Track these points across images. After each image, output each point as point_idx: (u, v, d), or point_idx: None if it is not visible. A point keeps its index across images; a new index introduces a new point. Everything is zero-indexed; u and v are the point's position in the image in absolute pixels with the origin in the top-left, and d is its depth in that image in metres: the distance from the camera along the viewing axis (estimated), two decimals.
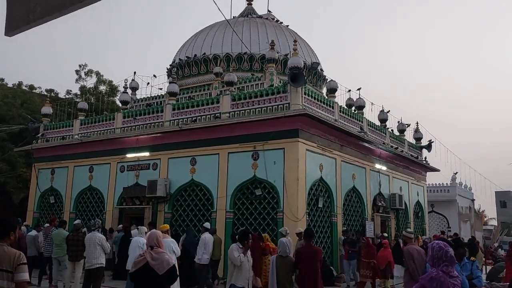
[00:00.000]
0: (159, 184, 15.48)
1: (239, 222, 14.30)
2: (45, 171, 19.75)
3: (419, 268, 7.25)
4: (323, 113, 15.21)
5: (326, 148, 15.14)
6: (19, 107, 25.37)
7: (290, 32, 22.50)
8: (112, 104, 29.24)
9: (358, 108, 18.91)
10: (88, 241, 9.70)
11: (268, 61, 17.46)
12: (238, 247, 6.93)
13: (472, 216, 39.33)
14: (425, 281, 3.75)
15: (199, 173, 15.28)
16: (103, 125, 18.52)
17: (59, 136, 19.84)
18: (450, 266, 3.76)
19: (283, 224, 13.30)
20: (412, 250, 7.56)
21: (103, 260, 9.69)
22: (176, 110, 16.37)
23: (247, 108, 14.83)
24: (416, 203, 22.65)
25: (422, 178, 24.00)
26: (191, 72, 21.06)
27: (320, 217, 14.76)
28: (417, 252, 7.54)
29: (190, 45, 21.80)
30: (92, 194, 18.21)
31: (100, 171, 17.88)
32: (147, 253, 4.93)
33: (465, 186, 37.41)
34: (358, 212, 17.18)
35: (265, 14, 24.31)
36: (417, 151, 23.41)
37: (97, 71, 31.16)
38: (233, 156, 14.70)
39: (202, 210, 15.12)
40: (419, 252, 7.61)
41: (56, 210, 19.14)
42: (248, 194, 14.43)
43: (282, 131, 13.78)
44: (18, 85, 29.92)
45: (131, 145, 17.01)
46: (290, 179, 13.48)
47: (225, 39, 20.56)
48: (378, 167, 18.63)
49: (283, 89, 14.33)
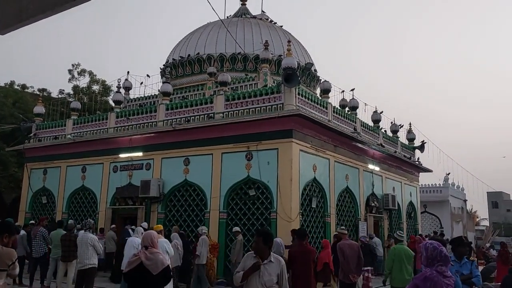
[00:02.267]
0: (153, 184, 15.42)
1: (233, 222, 14.28)
2: (37, 171, 19.61)
3: (350, 261, 8.27)
4: (317, 113, 15.23)
5: (320, 149, 15.16)
6: (11, 106, 25.17)
7: (284, 32, 22.52)
8: (105, 103, 29.10)
9: (352, 109, 18.96)
10: (80, 241, 9.65)
11: (262, 61, 17.46)
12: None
13: (464, 216, 39.57)
14: (419, 281, 3.76)
15: (193, 173, 15.24)
16: (96, 124, 18.42)
17: (52, 136, 19.71)
18: (444, 266, 3.77)
19: (277, 224, 13.30)
20: (343, 246, 8.52)
21: (95, 261, 9.64)
22: (170, 110, 16.32)
23: (241, 108, 14.81)
24: (409, 204, 22.75)
25: (415, 178, 24.11)
26: (184, 72, 21.01)
27: (313, 217, 14.78)
28: (348, 247, 8.45)
29: (184, 45, 21.75)
30: (85, 194, 18.10)
31: (93, 171, 17.78)
32: (142, 253, 4.91)
33: (458, 186, 37.65)
34: (351, 212, 17.22)
35: (259, 15, 24.31)
36: (410, 151, 23.51)
37: (90, 71, 31.05)
38: (227, 157, 14.68)
39: (196, 211, 15.09)
40: (351, 246, 8.51)
41: (49, 210, 19.01)
42: (241, 194, 14.42)
43: (275, 132, 13.79)
44: (10, 84, 29.69)
45: (124, 145, 16.94)
46: (284, 180, 13.48)
47: (219, 39, 20.53)
48: (371, 168, 18.69)
49: (277, 90, 14.34)
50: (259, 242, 4.74)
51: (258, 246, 4.72)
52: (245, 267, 4.68)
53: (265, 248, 4.74)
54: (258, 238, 4.77)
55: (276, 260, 4.74)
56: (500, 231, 41.77)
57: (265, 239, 4.77)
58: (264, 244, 4.75)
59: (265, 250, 4.74)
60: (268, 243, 4.78)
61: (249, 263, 4.68)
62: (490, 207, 66.52)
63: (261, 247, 4.72)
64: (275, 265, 4.70)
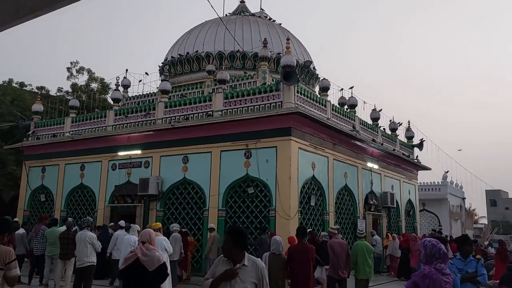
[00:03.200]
0: (151, 182, 15.41)
1: (231, 220, 14.29)
2: (36, 169, 19.58)
3: (339, 258, 8.64)
4: (316, 111, 15.22)
5: (319, 147, 15.16)
6: (9, 104, 25.11)
7: (283, 30, 22.49)
8: (104, 101, 29.03)
9: (351, 107, 18.97)
10: (78, 239, 9.63)
11: (261, 59, 17.44)
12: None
13: (463, 214, 39.65)
14: (417, 278, 3.76)
15: (191, 171, 15.24)
16: (95, 122, 18.40)
17: (50, 134, 19.67)
18: (443, 263, 3.77)
19: (275, 222, 13.31)
20: (334, 243, 8.83)
21: (94, 259, 9.62)
22: (168, 108, 16.30)
23: (239, 106, 14.80)
24: (408, 202, 22.76)
25: (414, 176, 24.12)
26: (183, 70, 20.98)
27: (312, 215, 14.78)
28: (338, 245, 8.79)
29: (183, 43, 21.72)
30: (84, 192, 18.09)
31: (92, 169, 17.76)
32: (138, 249, 4.88)
33: (456, 184, 37.70)
34: (350, 210, 17.24)
35: (257, 12, 24.29)
36: (408, 149, 23.52)
37: (89, 69, 30.96)
38: (226, 154, 14.67)
39: (194, 209, 15.09)
40: (341, 244, 8.86)
41: (47, 208, 18.99)
42: (240, 192, 14.42)
43: (274, 130, 13.78)
44: (9, 82, 29.61)
45: (123, 143, 16.92)
46: (283, 178, 13.48)
47: (217, 37, 20.50)
48: (370, 166, 18.70)
49: (276, 88, 14.32)
50: (228, 242, 3.95)
51: (227, 247, 3.94)
52: (215, 273, 3.94)
53: (235, 250, 3.90)
54: (226, 237, 4.02)
55: (252, 264, 3.90)
56: (498, 229, 41.83)
57: (235, 239, 3.93)
58: (234, 244, 3.90)
59: (236, 252, 3.90)
60: (239, 243, 3.92)
61: (220, 269, 3.92)
62: (489, 205, 66.61)
63: (230, 249, 3.92)
64: (249, 270, 3.86)
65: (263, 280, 3.87)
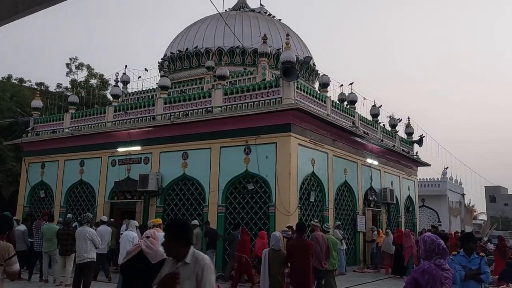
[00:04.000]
0: (151, 178, 15.41)
1: (231, 216, 14.30)
2: (35, 165, 19.58)
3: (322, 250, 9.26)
4: (315, 107, 15.21)
5: (318, 143, 15.16)
6: (8, 100, 25.05)
7: (283, 26, 22.43)
8: (103, 97, 28.97)
9: (350, 103, 18.94)
10: (78, 235, 9.64)
11: (261, 55, 17.41)
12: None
13: (462, 210, 39.70)
14: (417, 274, 3.76)
15: (191, 168, 15.23)
16: (94, 118, 18.38)
17: (49, 130, 19.66)
18: (443, 259, 3.77)
19: (275, 218, 13.32)
20: (318, 236, 9.46)
21: (93, 255, 9.64)
22: (168, 104, 16.29)
23: (239, 102, 14.79)
24: (407, 198, 22.79)
25: (413, 172, 24.14)
26: (182, 66, 20.94)
27: (312, 211, 14.80)
28: (321, 238, 9.48)
29: (182, 39, 21.66)
30: (83, 188, 18.09)
31: (91, 165, 17.76)
32: (142, 242, 4.85)
33: (456, 181, 37.73)
34: (349, 206, 17.26)
35: (257, 8, 24.21)
36: (408, 146, 23.53)
37: (88, 65, 30.85)
38: (225, 151, 14.67)
39: (194, 205, 15.10)
40: (323, 237, 9.57)
41: (47, 204, 19.00)
42: (240, 188, 14.43)
43: (274, 126, 13.77)
44: (8, 78, 29.52)
45: (123, 139, 16.90)
46: (282, 174, 13.49)
47: (217, 32, 20.45)
48: (369, 162, 18.70)
49: (276, 84, 14.31)
50: (168, 237, 3.38)
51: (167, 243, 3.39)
52: (161, 276, 3.42)
53: (177, 246, 3.34)
54: (165, 232, 3.46)
55: (194, 261, 3.32)
56: (497, 225, 41.89)
57: (175, 233, 3.37)
58: (174, 240, 3.35)
59: (178, 248, 3.34)
60: (181, 238, 3.35)
61: (165, 271, 3.42)
62: (488, 201, 66.64)
63: (171, 245, 3.37)
64: (191, 268, 3.29)
65: (202, 278, 3.25)
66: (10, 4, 2.75)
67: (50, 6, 2.71)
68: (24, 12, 2.73)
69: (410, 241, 14.66)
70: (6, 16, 2.82)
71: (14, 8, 2.74)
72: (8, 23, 2.94)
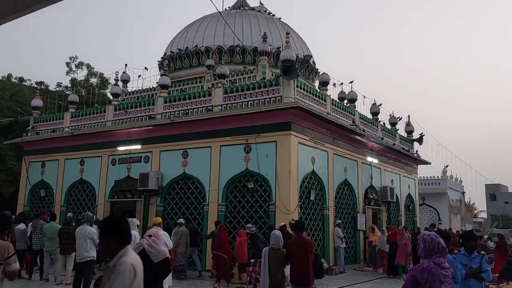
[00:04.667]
0: (151, 177, 15.42)
1: (231, 215, 14.31)
2: (36, 164, 19.58)
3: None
4: (316, 106, 15.20)
5: (318, 141, 15.15)
6: (8, 99, 25.06)
7: (283, 24, 22.41)
8: (103, 96, 28.98)
9: (350, 101, 18.94)
10: (78, 234, 9.64)
11: (261, 54, 17.40)
12: None
13: (462, 208, 39.71)
14: (416, 272, 3.76)
15: (191, 166, 15.23)
16: (94, 117, 18.38)
17: (50, 129, 19.66)
18: (442, 257, 3.77)
19: (275, 217, 13.32)
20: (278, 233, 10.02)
21: (94, 253, 9.64)
22: (168, 102, 16.28)
23: (239, 101, 14.78)
24: (407, 196, 22.79)
25: (413, 171, 24.14)
26: (182, 65, 20.93)
27: (312, 209, 14.80)
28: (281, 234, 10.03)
29: (182, 37, 21.65)
30: (83, 187, 18.10)
31: (91, 164, 17.76)
32: (145, 241, 4.89)
33: (456, 179, 37.72)
34: (350, 204, 17.26)
35: (257, 7, 24.20)
36: (408, 144, 23.52)
37: (88, 64, 30.87)
38: (225, 149, 14.67)
39: (194, 203, 15.10)
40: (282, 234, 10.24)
41: (47, 203, 19.01)
42: (240, 187, 14.43)
43: (274, 124, 13.77)
44: (8, 77, 29.53)
45: (123, 138, 16.91)
46: (282, 172, 13.49)
47: (217, 31, 20.43)
48: (370, 160, 18.70)
49: (276, 82, 14.30)
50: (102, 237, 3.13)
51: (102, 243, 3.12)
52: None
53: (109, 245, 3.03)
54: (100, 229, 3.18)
55: (113, 265, 2.97)
56: (498, 223, 41.91)
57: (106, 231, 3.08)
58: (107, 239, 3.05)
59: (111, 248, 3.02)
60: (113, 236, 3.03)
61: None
62: (488, 199, 66.67)
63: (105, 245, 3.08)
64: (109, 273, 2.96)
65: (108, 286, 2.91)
66: (9, 3, 2.74)
67: (50, 5, 2.71)
68: (23, 11, 2.73)
69: (404, 238, 14.24)
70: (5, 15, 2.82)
71: (13, 7, 2.73)
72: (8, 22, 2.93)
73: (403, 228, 15.23)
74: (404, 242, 14.17)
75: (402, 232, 14.60)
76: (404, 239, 14.23)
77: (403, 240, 14.18)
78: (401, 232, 14.59)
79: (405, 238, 14.31)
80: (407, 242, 14.16)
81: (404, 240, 14.21)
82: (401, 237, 14.27)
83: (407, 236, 14.69)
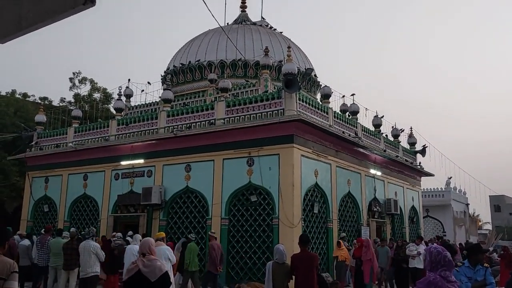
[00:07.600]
0: (154, 191, 15.39)
1: (235, 229, 14.24)
2: (39, 179, 19.60)
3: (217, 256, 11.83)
4: (318, 118, 15.22)
5: (321, 154, 15.14)
6: (12, 115, 25.20)
7: (284, 38, 22.57)
8: (106, 111, 29.13)
9: (352, 114, 18.95)
10: (82, 249, 9.62)
11: (262, 68, 17.48)
12: None
13: (466, 220, 39.43)
14: (422, 285, 3.73)
15: (194, 180, 15.22)
16: (97, 132, 18.44)
17: (53, 144, 19.71)
18: (448, 271, 3.74)
19: (279, 230, 13.25)
20: (214, 245, 11.98)
21: (97, 269, 9.62)
22: (171, 116, 16.33)
23: (241, 114, 14.82)
24: (411, 208, 22.66)
25: (417, 183, 24.03)
26: (185, 79, 21.05)
27: (315, 222, 14.73)
28: (217, 246, 12.01)
29: (185, 52, 21.81)
30: (87, 202, 18.08)
31: (95, 179, 17.77)
32: (139, 261, 4.91)
33: (460, 190, 37.51)
34: (353, 217, 17.17)
35: (258, 21, 24.39)
36: (411, 156, 23.46)
37: (91, 79, 31.07)
38: (228, 163, 14.66)
39: (197, 217, 15.05)
40: (218, 246, 12.12)
41: (50, 218, 18.98)
42: (243, 200, 14.39)
43: (277, 137, 13.77)
44: (12, 93, 29.74)
45: (126, 153, 16.92)
46: (286, 185, 13.45)
47: (219, 46, 20.59)
48: (373, 172, 18.64)
49: (278, 95, 14.34)
50: None
51: None
52: None
53: None
54: None
55: None
56: (503, 234, 41.54)
57: None
58: None
59: None
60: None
61: None
62: (493, 210, 66.25)
63: None
64: None
65: None
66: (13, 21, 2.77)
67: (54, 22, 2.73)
68: (27, 28, 2.76)
69: (370, 253, 12.46)
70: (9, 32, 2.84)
71: (18, 25, 2.76)
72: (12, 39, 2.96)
73: (368, 241, 13.39)
74: (369, 257, 12.44)
75: (368, 245, 12.76)
76: (369, 254, 12.47)
77: (368, 255, 12.47)
78: (367, 245, 12.73)
79: (371, 252, 12.58)
80: (373, 257, 12.55)
81: (369, 255, 12.46)
82: (367, 251, 12.57)
83: (374, 250, 13.05)
